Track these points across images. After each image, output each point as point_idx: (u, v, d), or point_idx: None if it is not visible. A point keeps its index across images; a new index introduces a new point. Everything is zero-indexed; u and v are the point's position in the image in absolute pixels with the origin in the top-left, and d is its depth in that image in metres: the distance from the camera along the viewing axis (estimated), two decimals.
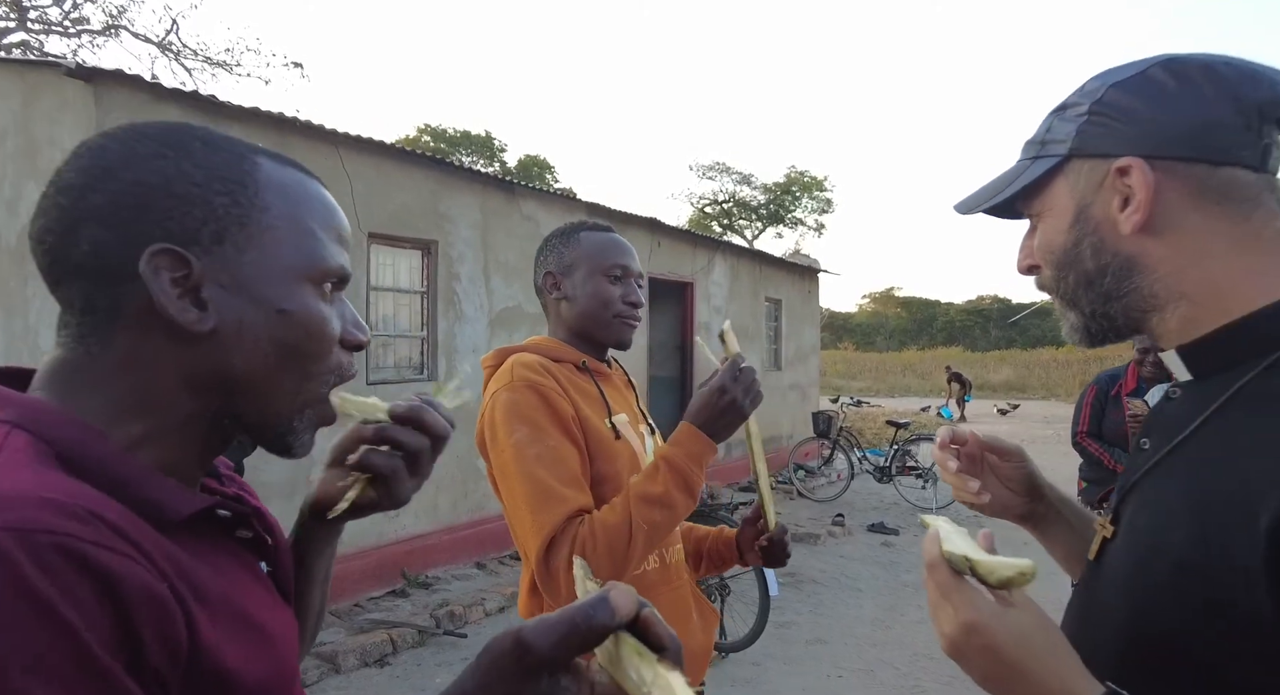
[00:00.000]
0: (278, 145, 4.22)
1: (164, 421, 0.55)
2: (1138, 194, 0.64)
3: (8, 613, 0.39)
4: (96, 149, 0.54)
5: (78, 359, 0.54)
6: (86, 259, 0.52)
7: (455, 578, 4.99)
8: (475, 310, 5.46)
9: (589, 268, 1.31)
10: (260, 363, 0.56)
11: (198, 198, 0.54)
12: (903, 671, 3.78)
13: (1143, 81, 0.66)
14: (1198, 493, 0.61)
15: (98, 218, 0.52)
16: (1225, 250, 0.64)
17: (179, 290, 0.53)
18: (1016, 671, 0.58)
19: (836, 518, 6.96)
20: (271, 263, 0.56)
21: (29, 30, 12.71)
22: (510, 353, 1.31)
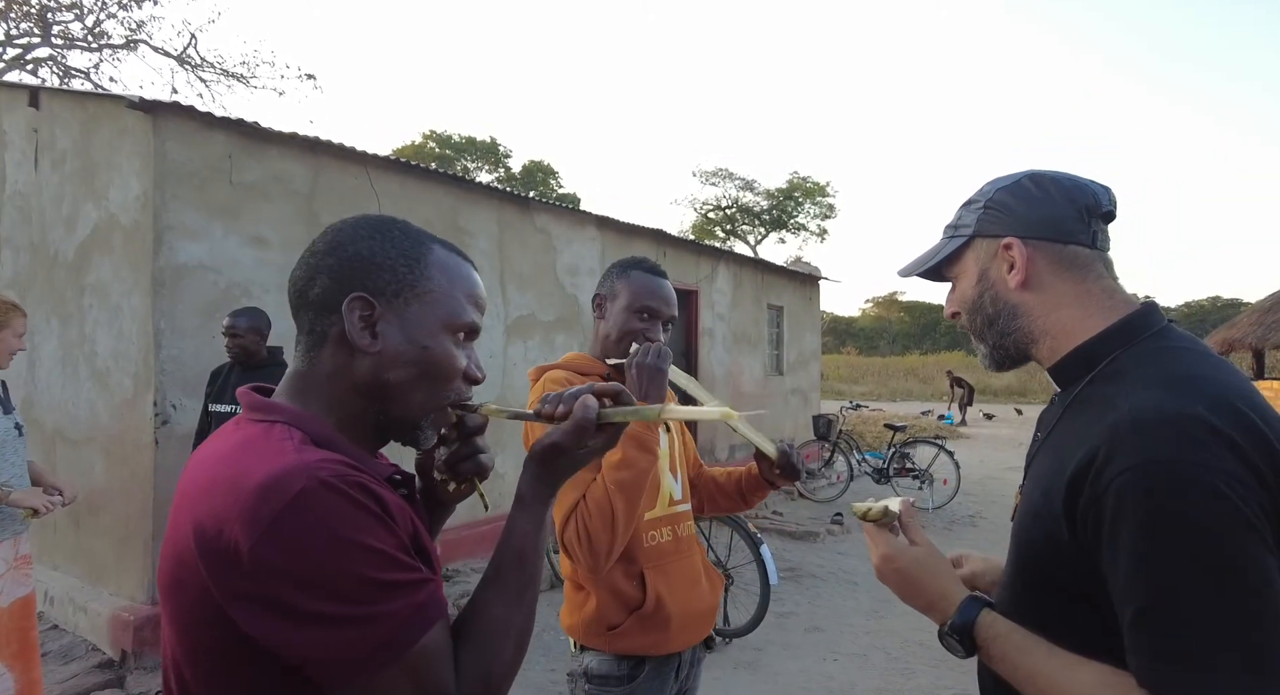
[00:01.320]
0: (312, 166, 4.54)
1: (346, 415, 0.83)
2: (1018, 261, 0.96)
3: (355, 513, 0.71)
4: (335, 230, 0.86)
5: (305, 370, 0.84)
6: (317, 298, 0.83)
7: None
8: (491, 319, 5.76)
9: (625, 302, 1.60)
10: (404, 379, 0.82)
11: (389, 266, 0.83)
12: (894, 656, 4.07)
13: (1017, 187, 0.99)
14: (1049, 464, 0.91)
15: (328, 273, 0.83)
16: (1070, 301, 0.95)
17: (363, 324, 0.81)
18: (917, 584, 0.96)
19: (835, 517, 7.24)
20: (427, 314, 0.83)
21: (53, 45, 13.09)
22: (546, 370, 1.63)
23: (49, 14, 12.85)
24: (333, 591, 0.68)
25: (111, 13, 13.43)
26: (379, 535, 0.72)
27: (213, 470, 0.75)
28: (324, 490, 0.70)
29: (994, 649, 0.87)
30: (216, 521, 0.69)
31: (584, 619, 1.53)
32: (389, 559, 0.72)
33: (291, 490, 0.69)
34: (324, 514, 0.69)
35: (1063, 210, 0.94)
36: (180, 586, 0.72)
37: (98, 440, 4.21)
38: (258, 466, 0.72)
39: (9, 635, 2.53)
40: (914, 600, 0.98)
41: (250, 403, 0.83)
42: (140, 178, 3.90)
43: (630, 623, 1.49)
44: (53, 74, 13.15)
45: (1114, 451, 0.78)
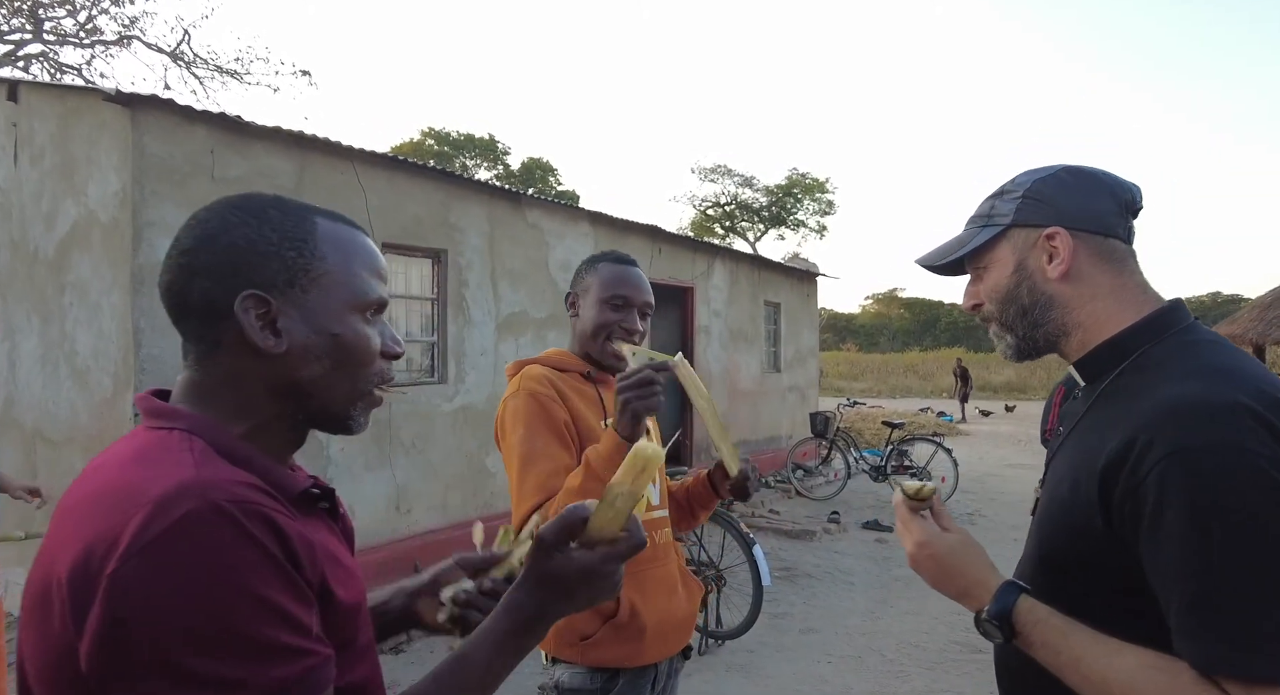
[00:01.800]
0: (298, 161, 4.46)
1: (259, 421, 0.74)
2: (1061, 252, 0.94)
3: (245, 551, 0.61)
4: (200, 220, 0.75)
5: (199, 378, 0.75)
6: (199, 303, 0.72)
7: None
8: (483, 315, 5.69)
9: (596, 295, 1.53)
10: (320, 373, 0.75)
11: (274, 254, 0.73)
12: (889, 658, 4.00)
13: (1056, 179, 0.97)
14: (1076, 457, 0.90)
15: (206, 273, 0.72)
16: (1106, 294, 0.95)
17: (261, 323, 0.72)
18: (952, 570, 0.94)
19: (831, 515, 7.17)
20: (327, 298, 0.75)
21: (44, 41, 13.00)
22: (525, 364, 1.55)
23: (40, 10, 12.76)
24: (193, 641, 0.57)
25: (104, 8, 13.34)
26: (271, 583, 0.61)
27: (99, 483, 0.66)
28: (215, 516, 0.60)
29: (1035, 634, 0.85)
30: (88, 541, 0.60)
31: (554, 628, 1.45)
32: (276, 615, 0.61)
33: (176, 512, 0.59)
34: (208, 545, 0.59)
35: (1106, 204, 0.95)
36: (43, 617, 0.62)
37: (78, 440, 4.14)
38: (149, 481, 0.63)
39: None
40: (948, 587, 0.95)
41: (149, 408, 0.74)
42: (119, 173, 3.82)
43: (603, 633, 1.42)
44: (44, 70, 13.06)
45: (1154, 439, 0.78)
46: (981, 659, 3.96)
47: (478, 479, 5.55)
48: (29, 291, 4.48)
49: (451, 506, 5.36)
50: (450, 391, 5.41)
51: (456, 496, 5.41)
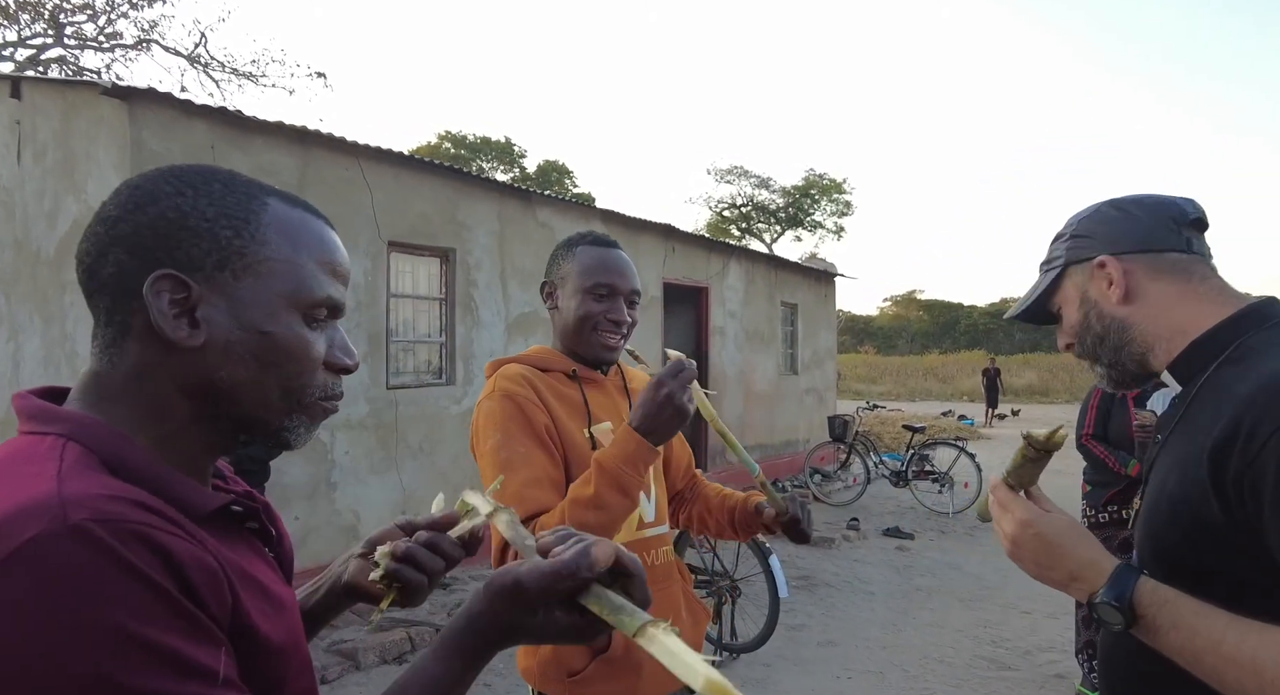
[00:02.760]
0: (301, 157, 4.36)
1: (172, 426, 0.62)
2: (1115, 276, 0.98)
3: (115, 580, 0.48)
4: (132, 186, 0.63)
5: (103, 370, 0.62)
6: (111, 279, 0.61)
7: (472, 578, 5.09)
8: (492, 316, 5.57)
9: (576, 283, 1.36)
10: (244, 375, 0.63)
11: (205, 231, 0.62)
12: (912, 674, 3.81)
13: (1097, 213, 1.02)
14: (1179, 453, 0.88)
15: (124, 244, 0.61)
16: (1178, 303, 0.96)
17: (176, 310, 0.60)
18: (1060, 551, 0.87)
19: (851, 522, 6.97)
20: (263, 290, 0.63)
21: (65, 46, 13.13)
22: (503, 363, 1.40)
23: (61, 15, 12.89)
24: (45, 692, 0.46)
25: (123, 12, 13.46)
26: (152, 618, 0.50)
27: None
28: (72, 539, 0.49)
29: (1163, 616, 0.80)
30: None
31: (540, 662, 1.30)
32: (159, 658, 0.49)
33: (22, 535, 0.48)
34: (60, 574, 0.48)
35: (1149, 223, 0.98)
36: None
37: None
38: (3, 497, 0.51)
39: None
40: (1055, 571, 0.87)
41: (24, 408, 0.61)
42: (118, 169, 3.74)
43: (594, 668, 1.27)
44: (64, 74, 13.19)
45: (1262, 417, 0.78)
46: (1010, 676, 3.76)
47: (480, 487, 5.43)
48: (32, 291, 4.43)
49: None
50: (458, 393, 5.29)
51: None
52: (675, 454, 1.60)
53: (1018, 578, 5.22)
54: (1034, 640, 4.23)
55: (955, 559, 6.00)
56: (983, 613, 4.72)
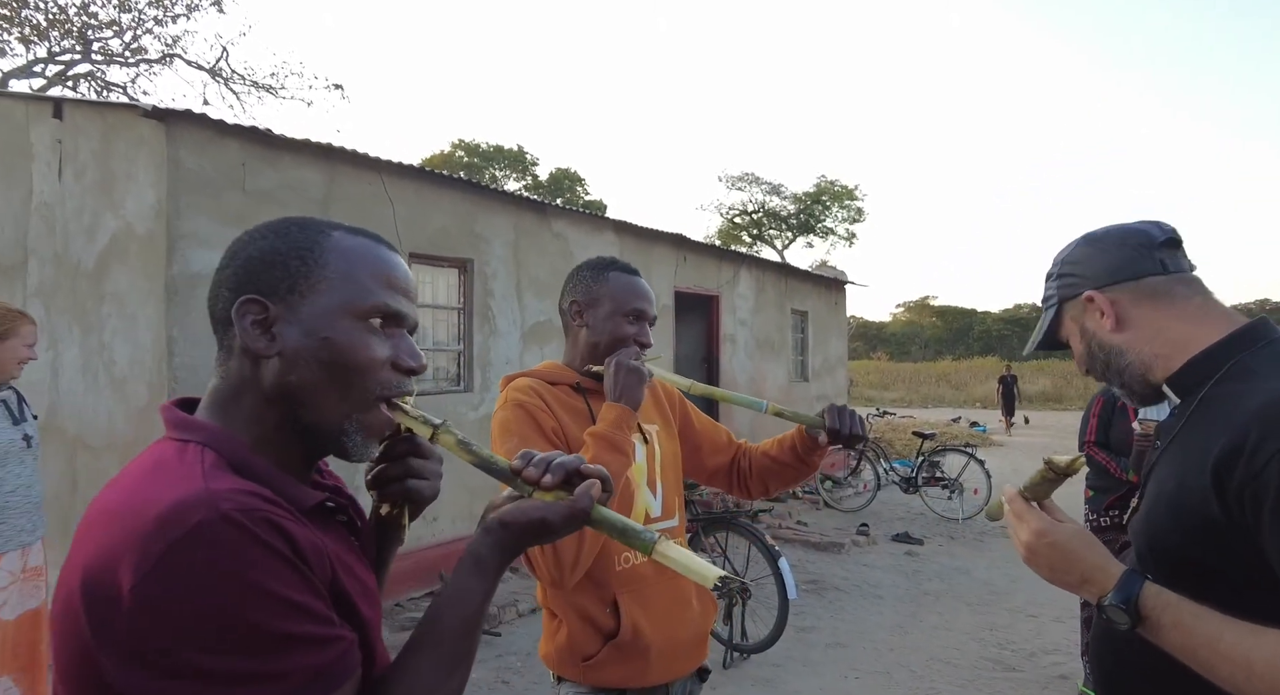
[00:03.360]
0: (326, 172, 4.54)
1: (265, 430, 0.75)
2: (1104, 309, 1.07)
3: (256, 553, 0.62)
4: (235, 240, 0.79)
5: (220, 385, 0.77)
6: (220, 312, 0.76)
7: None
8: (508, 325, 5.72)
9: (612, 307, 1.50)
10: (310, 378, 0.74)
11: (279, 263, 0.75)
12: (918, 674, 3.90)
13: (1075, 251, 1.12)
14: (1181, 461, 0.96)
15: (226, 284, 0.76)
16: (1168, 324, 1.04)
17: (259, 329, 0.73)
18: (1073, 557, 0.96)
19: (861, 527, 7.05)
20: (323, 303, 0.75)
21: (93, 61, 13.49)
22: (514, 378, 1.54)
23: (89, 31, 13.26)
24: (220, 642, 0.60)
25: (148, 28, 13.82)
26: (284, 580, 0.63)
27: (117, 497, 0.67)
28: (224, 525, 0.62)
29: (1165, 617, 0.88)
30: (105, 557, 0.61)
31: (557, 648, 1.43)
32: (292, 608, 0.63)
33: (188, 523, 0.61)
34: (220, 552, 0.61)
35: (1120, 253, 1.07)
36: (64, 633, 0.63)
37: (116, 447, 4.24)
38: (162, 494, 0.64)
39: (16, 648, 2.51)
40: (1067, 575, 0.97)
41: (171, 419, 0.75)
42: (155, 187, 3.93)
43: (605, 653, 1.39)
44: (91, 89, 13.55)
45: (1267, 433, 0.85)
46: (1015, 677, 3.85)
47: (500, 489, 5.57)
48: (71, 303, 4.62)
49: (476, 515, 5.37)
50: (476, 400, 5.44)
51: (482, 506, 5.41)
52: (702, 440, 1.71)
53: (1025, 583, 5.28)
54: (1039, 643, 4.31)
55: (964, 564, 6.07)
56: (990, 616, 4.79)
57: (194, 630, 0.59)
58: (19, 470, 2.53)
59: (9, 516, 2.48)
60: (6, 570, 2.48)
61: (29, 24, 12.58)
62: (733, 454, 1.73)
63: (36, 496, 2.59)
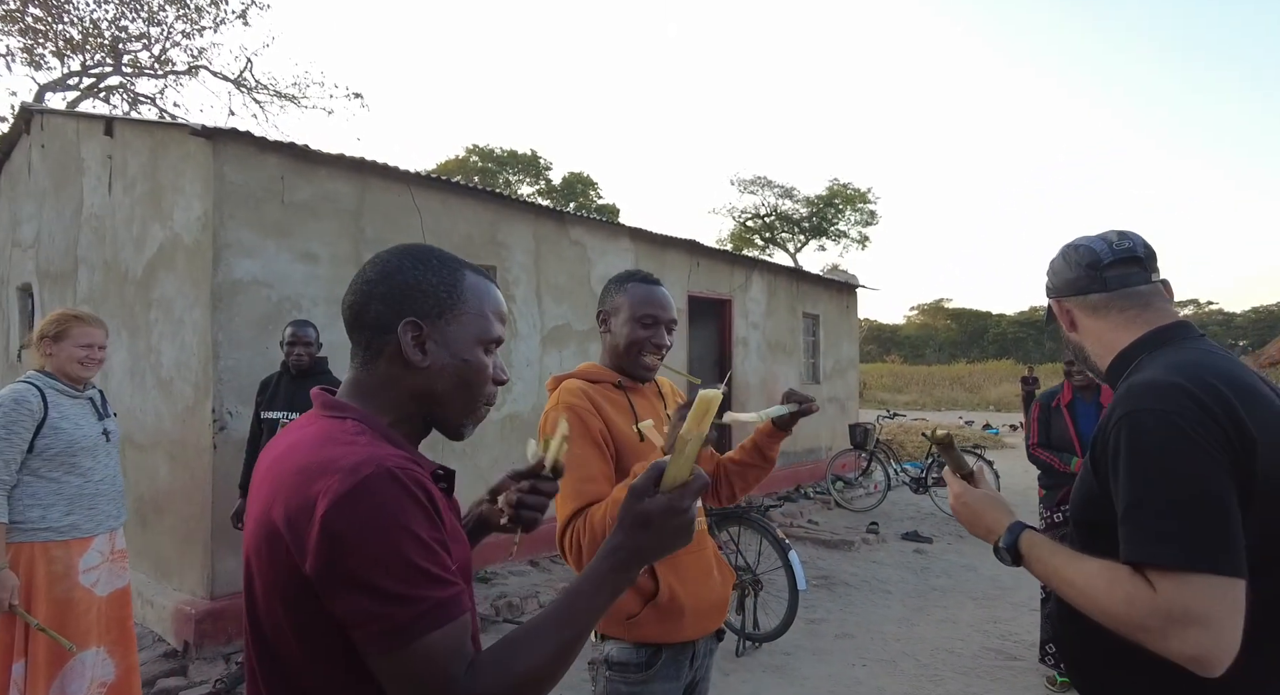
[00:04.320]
0: (358, 184, 4.79)
1: (399, 416, 0.99)
2: (1060, 316, 1.35)
3: (407, 500, 0.83)
4: (385, 259, 1.01)
5: (364, 378, 0.99)
6: (372, 320, 0.97)
7: (512, 574, 5.44)
8: (529, 328, 5.95)
9: (627, 314, 1.71)
10: (449, 387, 0.98)
11: (431, 293, 0.98)
12: (923, 663, 4.07)
13: (1052, 263, 1.36)
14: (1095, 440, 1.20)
15: (381, 299, 0.97)
16: (1105, 331, 1.29)
17: (415, 343, 0.96)
18: (979, 513, 1.28)
19: (871, 526, 7.20)
20: (463, 332, 0.99)
21: (123, 74, 13.91)
22: (562, 379, 1.75)
23: (120, 44, 13.68)
24: (380, 566, 0.79)
25: (176, 41, 14.24)
26: (426, 527, 0.83)
27: (302, 457, 0.88)
28: (389, 478, 0.82)
29: (1032, 554, 1.17)
30: (303, 498, 0.83)
31: None
32: (430, 551, 0.82)
33: (362, 473, 0.82)
34: (385, 498, 0.81)
35: (1072, 273, 1.31)
36: (269, 551, 0.85)
37: (162, 445, 4.50)
38: (341, 455, 0.85)
39: (109, 623, 2.73)
40: (977, 527, 1.28)
41: (325, 401, 0.98)
42: (202, 199, 4.18)
43: (646, 613, 1.59)
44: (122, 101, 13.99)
45: (1113, 410, 1.12)
46: (1016, 666, 4.01)
47: None
48: (119, 308, 4.90)
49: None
50: (499, 400, 5.66)
51: None
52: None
53: (1030, 579, 5.40)
54: (1041, 635, 4.46)
55: (971, 561, 6.21)
56: (994, 610, 4.95)
57: (364, 554, 0.79)
58: (106, 462, 2.76)
59: (99, 503, 2.71)
60: (98, 551, 2.71)
61: (63, 38, 13.01)
62: (714, 466, 1.93)
63: (119, 486, 2.82)
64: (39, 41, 12.99)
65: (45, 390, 2.64)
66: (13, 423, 2.53)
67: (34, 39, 12.95)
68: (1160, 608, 0.98)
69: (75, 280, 5.48)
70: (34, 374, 2.70)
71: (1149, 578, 1.00)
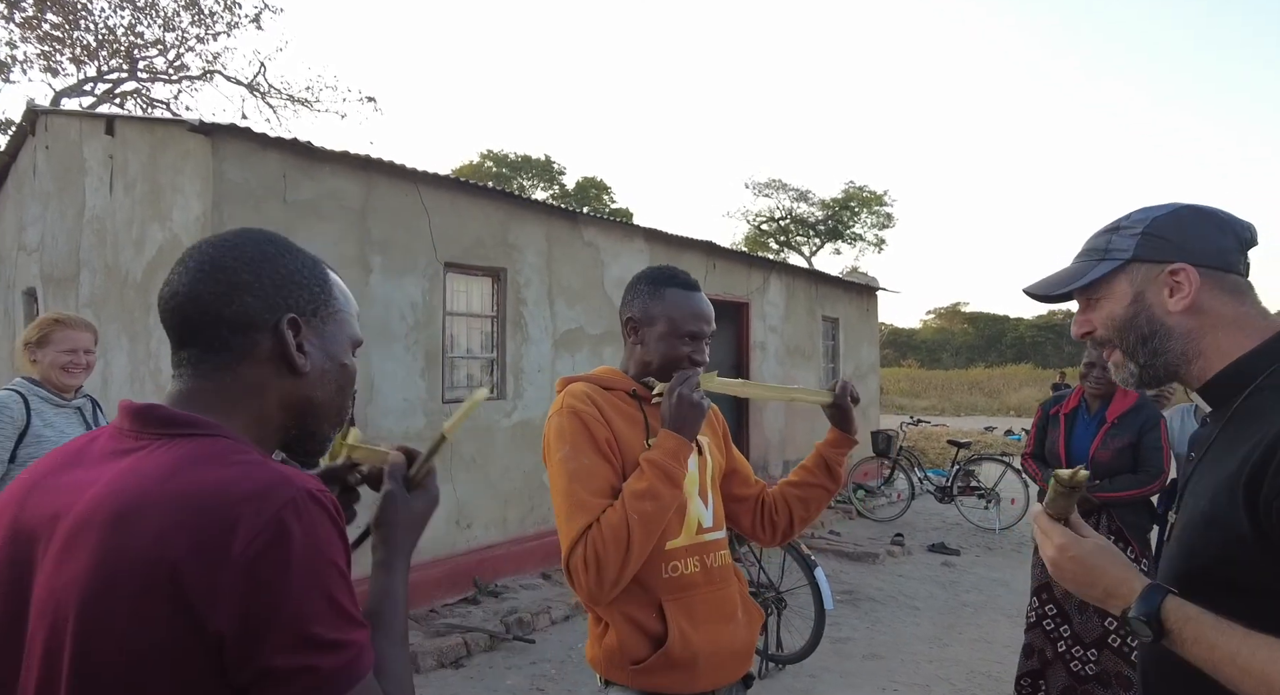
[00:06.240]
0: (364, 183, 4.63)
1: (266, 431, 0.82)
2: (1185, 287, 0.99)
3: (332, 531, 0.70)
4: (240, 245, 0.82)
5: (215, 386, 0.79)
6: (235, 316, 0.78)
7: (523, 587, 5.25)
8: (540, 332, 5.76)
9: (666, 327, 1.49)
10: (328, 396, 0.85)
11: (305, 285, 0.83)
12: (959, 688, 3.82)
13: (1178, 217, 1.02)
14: (1214, 476, 0.94)
15: (250, 290, 0.79)
16: (1227, 325, 1.00)
17: (295, 344, 0.80)
18: (1095, 570, 0.97)
19: (895, 537, 6.94)
20: (340, 333, 0.86)
21: (139, 79, 13.96)
22: (571, 381, 1.54)
23: (136, 50, 13.72)
24: (314, 611, 0.67)
25: (190, 46, 14.26)
26: (345, 559, 0.71)
27: (174, 486, 0.69)
28: (313, 504, 0.69)
29: (1187, 630, 0.88)
30: (205, 538, 0.65)
31: (605, 650, 1.43)
32: (350, 586, 0.71)
33: (282, 497, 0.68)
34: (312, 529, 0.68)
35: (1228, 242, 1.02)
36: (135, 614, 0.66)
37: None
38: (238, 477, 0.68)
39: None
40: (1092, 589, 0.98)
41: (163, 416, 0.76)
42: (201, 198, 4.04)
43: (654, 660, 1.39)
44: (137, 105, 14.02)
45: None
46: None
47: (535, 495, 5.60)
48: (119, 312, 4.77)
49: (510, 522, 5.42)
50: (509, 407, 5.48)
51: (515, 513, 5.46)
52: (737, 466, 1.70)
53: None
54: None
55: (1003, 575, 5.94)
56: None
57: (296, 598, 0.66)
58: None
59: None
60: None
61: (80, 45, 13.06)
62: (757, 491, 1.71)
63: None
64: (56, 48, 13.05)
65: (29, 397, 2.50)
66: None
67: (51, 46, 13.02)
68: None
69: (78, 284, 5.36)
70: (20, 381, 2.56)
71: None
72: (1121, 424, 3.13)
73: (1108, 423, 3.16)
